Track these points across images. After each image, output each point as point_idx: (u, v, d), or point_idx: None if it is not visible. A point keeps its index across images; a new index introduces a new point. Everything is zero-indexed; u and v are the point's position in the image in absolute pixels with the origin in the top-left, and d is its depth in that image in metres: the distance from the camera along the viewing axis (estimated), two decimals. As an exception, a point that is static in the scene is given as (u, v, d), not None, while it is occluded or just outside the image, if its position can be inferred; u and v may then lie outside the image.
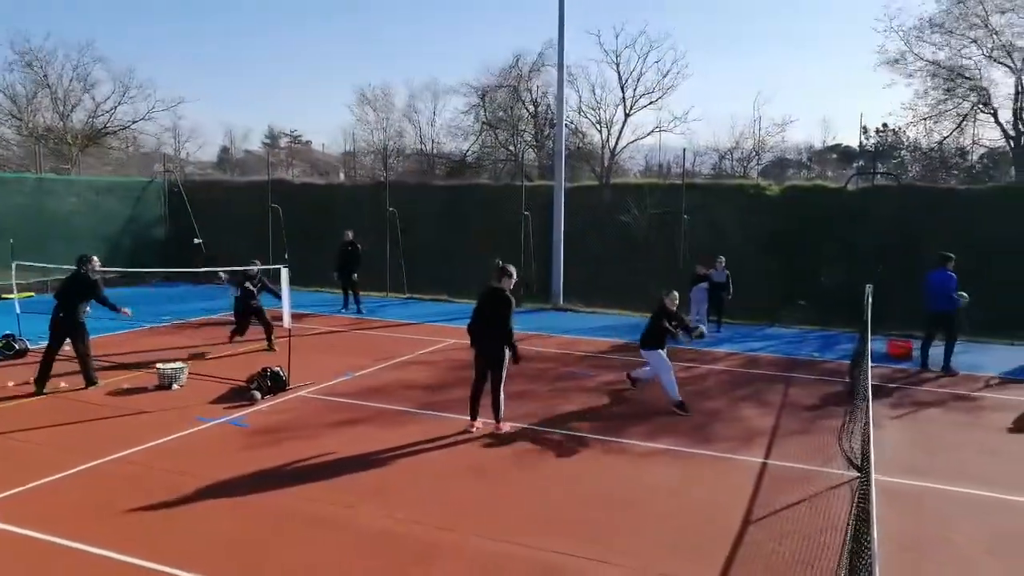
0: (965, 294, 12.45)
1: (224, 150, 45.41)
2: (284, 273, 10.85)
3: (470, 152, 30.28)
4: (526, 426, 8.90)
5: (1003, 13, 20.44)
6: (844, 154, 33.38)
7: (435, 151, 31.01)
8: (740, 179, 26.17)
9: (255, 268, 13.20)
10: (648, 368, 10.48)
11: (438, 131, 31.65)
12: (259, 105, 75.68)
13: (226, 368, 11.40)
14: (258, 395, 9.76)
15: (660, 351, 9.98)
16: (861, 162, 27.24)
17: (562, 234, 18.88)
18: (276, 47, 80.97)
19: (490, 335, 8.50)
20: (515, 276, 8.63)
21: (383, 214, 21.02)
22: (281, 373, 10.26)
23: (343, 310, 17.51)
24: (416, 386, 10.74)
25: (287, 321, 10.77)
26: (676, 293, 10.31)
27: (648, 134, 26.11)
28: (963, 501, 6.90)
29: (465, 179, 27.36)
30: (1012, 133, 21.11)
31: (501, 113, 29.01)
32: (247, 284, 12.96)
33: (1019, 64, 20.45)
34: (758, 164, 28.38)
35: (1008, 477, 7.58)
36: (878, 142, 28.20)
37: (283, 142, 50.64)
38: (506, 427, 8.65)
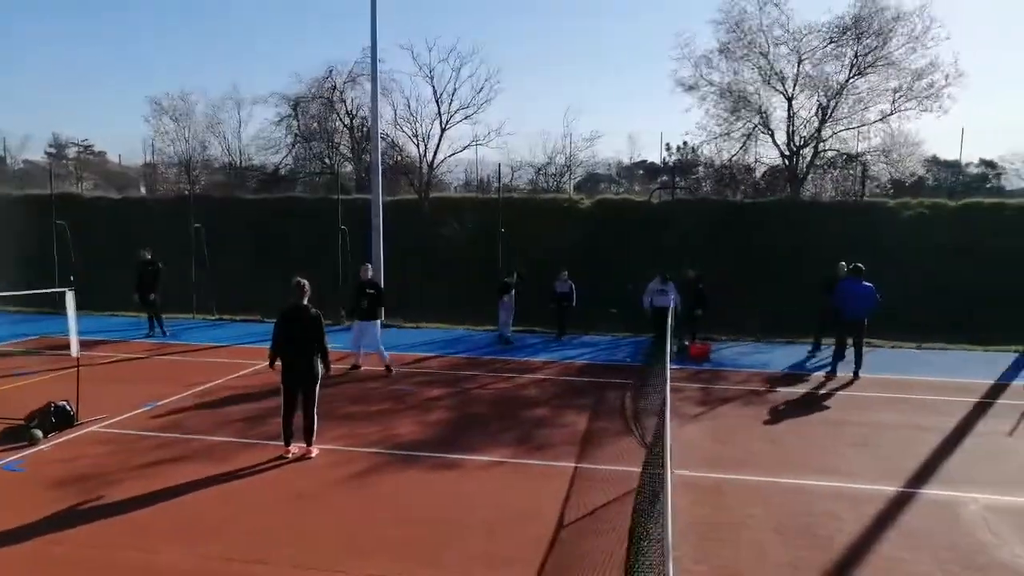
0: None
1: (-3, 159, 40.48)
2: (69, 296, 9.85)
3: (283, 165, 29.18)
4: (348, 448, 8.66)
5: (777, 45, 22.86)
6: (649, 170, 35.61)
7: (244, 163, 29.56)
8: (555, 193, 27.22)
9: None
10: (365, 341, 12.54)
11: (246, 143, 30.24)
12: (40, 111, 68.30)
13: (1, 405, 10.11)
14: (39, 434, 8.73)
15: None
16: (664, 177, 29.21)
17: (381, 248, 18.64)
18: (56, 45, 73.57)
19: (303, 354, 8.22)
20: (309, 289, 8.46)
21: (188, 230, 19.72)
22: (68, 407, 9.26)
23: (151, 335, 16.20)
24: (226, 414, 10.12)
25: (74, 349, 9.78)
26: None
27: (464, 148, 26.45)
28: (753, 487, 7.54)
29: (278, 193, 26.32)
30: (787, 152, 23.56)
31: (315, 125, 28.21)
32: None
33: (790, 90, 22.93)
34: (571, 178, 29.61)
35: (787, 463, 8.39)
36: (678, 159, 30.45)
37: (71, 152, 46.03)
38: (315, 450, 8.35)
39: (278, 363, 8.35)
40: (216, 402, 10.74)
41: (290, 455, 8.24)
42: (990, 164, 30.14)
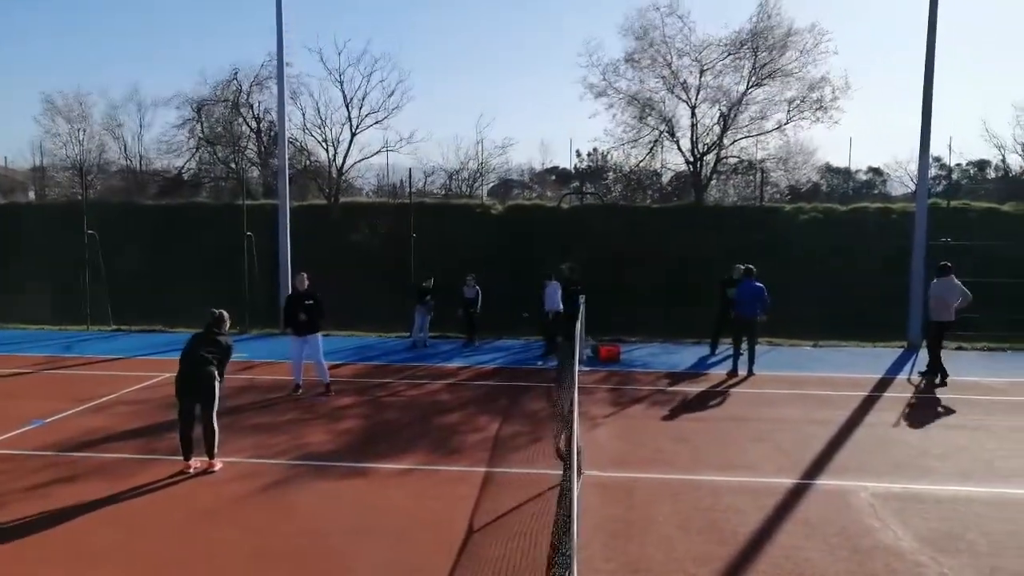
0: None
1: None
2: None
3: (185, 169, 28.14)
4: (254, 460, 8.40)
5: (680, 56, 23.65)
6: (561, 175, 36.17)
7: (144, 167, 28.34)
8: (467, 198, 27.28)
9: None
10: (307, 353, 11.67)
11: (147, 146, 29.03)
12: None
13: None
14: (-89, 457, 8.10)
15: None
16: (576, 183, 29.72)
17: (289, 255, 18.20)
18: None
19: (201, 368, 7.93)
20: (228, 320, 8.47)
21: (81, 237, 18.73)
22: (-57, 428, 8.63)
23: None
24: (122, 429, 9.64)
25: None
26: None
27: (375, 153, 26.22)
28: (661, 485, 7.73)
29: (181, 198, 25.36)
30: (691, 159, 24.39)
31: (220, 128, 27.33)
32: None
33: (693, 99, 23.76)
34: (483, 184, 29.74)
35: (693, 460, 8.65)
36: (588, 165, 31.03)
37: (-50, 155, 43.00)
38: (218, 464, 8.06)
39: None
40: (112, 417, 10.22)
41: (191, 470, 7.92)
42: (876, 171, 32.10)
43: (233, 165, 27.42)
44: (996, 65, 60.48)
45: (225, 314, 8.42)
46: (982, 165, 32.42)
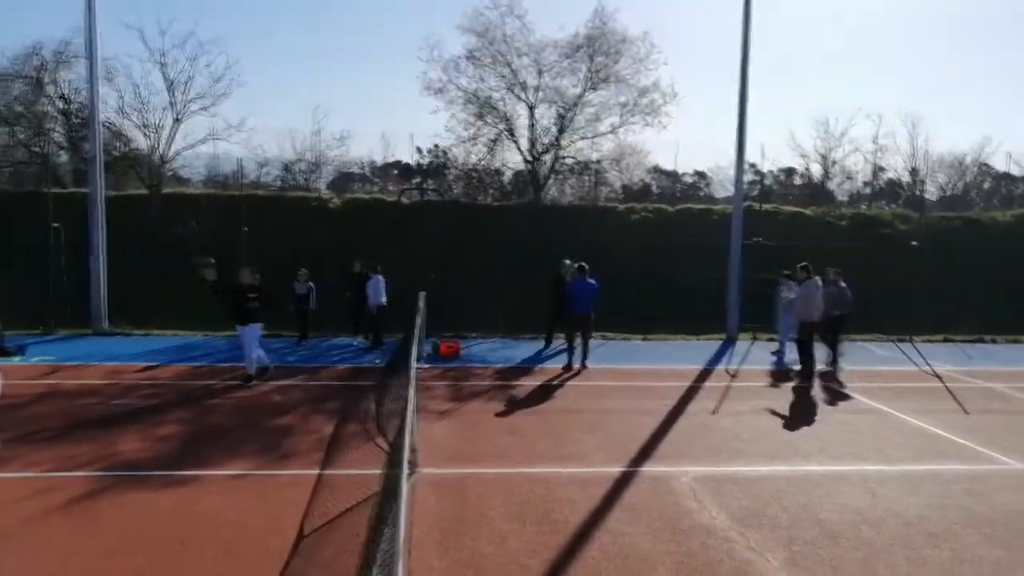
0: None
1: None
2: None
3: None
4: (55, 473, 7.60)
5: (520, 56, 24.08)
6: (404, 170, 35.77)
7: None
8: (304, 191, 26.36)
9: None
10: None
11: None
12: None
13: None
14: None
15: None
16: (418, 179, 29.53)
17: (102, 248, 16.73)
18: None
19: None
20: None
21: None
22: None
23: None
24: None
25: None
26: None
27: (201, 141, 24.66)
28: (496, 479, 7.81)
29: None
30: (530, 158, 24.91)
31: (19, 107, 24.62)
32: None
33: (532, 99, 24.29)
34: (320, 176, 28.85)
35: (528, 453, 8.81)
36: (430, 161, 30.91)
37: None
38: None
39: None
40: None
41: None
42: (701, 175, 34.40)
43: (36, 149, 24.78)
44: (803, 80, 66.65)
45: None
46: (790, 172, 35.57)
